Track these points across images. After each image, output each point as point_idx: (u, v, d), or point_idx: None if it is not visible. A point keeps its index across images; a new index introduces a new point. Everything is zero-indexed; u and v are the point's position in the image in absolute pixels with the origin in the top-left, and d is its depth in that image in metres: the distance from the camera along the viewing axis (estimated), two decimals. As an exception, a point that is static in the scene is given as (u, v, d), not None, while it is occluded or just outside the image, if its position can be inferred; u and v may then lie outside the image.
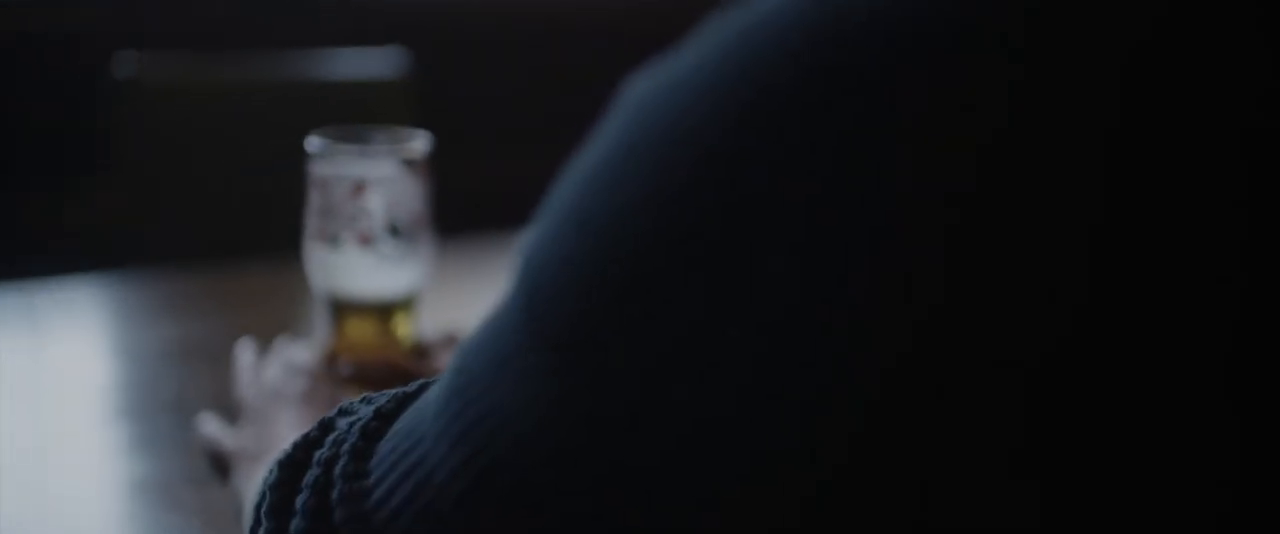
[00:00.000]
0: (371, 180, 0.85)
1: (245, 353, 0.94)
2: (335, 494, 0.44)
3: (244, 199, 1.76)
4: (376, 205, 0.86)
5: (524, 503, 0.37)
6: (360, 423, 0.45)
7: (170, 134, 1.74)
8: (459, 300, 0.97)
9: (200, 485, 0.86)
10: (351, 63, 1.87)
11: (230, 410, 0.92)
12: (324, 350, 0.90)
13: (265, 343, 0.97)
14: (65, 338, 1.22)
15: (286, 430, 0.78)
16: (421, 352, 0.90)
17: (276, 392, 0.82)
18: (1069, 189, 0.31)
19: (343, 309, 0.89)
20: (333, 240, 0.86)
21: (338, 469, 0.44)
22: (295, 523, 0.45)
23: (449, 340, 0.90)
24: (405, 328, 0.90)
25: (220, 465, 0.86)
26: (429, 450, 0.40)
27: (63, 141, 2.36)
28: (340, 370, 0.86)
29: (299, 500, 0.46)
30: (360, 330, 0.89)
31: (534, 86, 2.76)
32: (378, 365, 0.86)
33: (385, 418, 0.45)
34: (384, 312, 0.89)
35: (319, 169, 0.85)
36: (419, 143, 0.87)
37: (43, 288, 1.30)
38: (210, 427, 0.89)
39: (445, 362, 0.88)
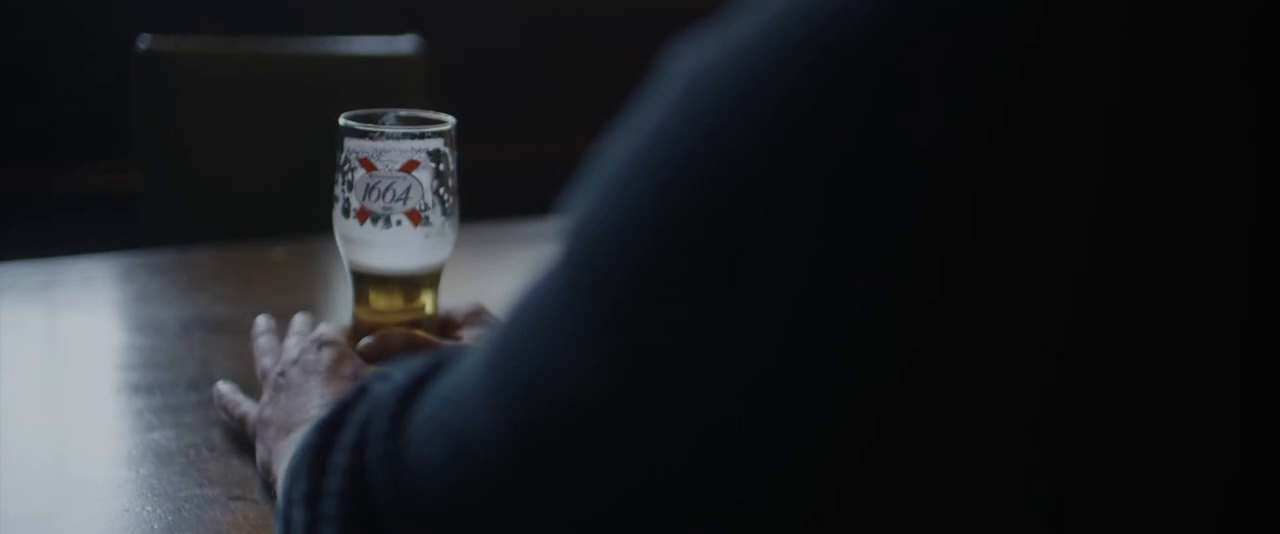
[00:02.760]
0: (423, 157, 0.87)
1: (263, 325, 0.95)
2: (371, 455, 0.44)
3: (263, 177, 1.77)
4: (427, 182, 0.88)
5: (563, 472, 0.38)
6: (398, 386, 0.46)
7: (191, 112, 1.75)
8: (471, 280, 0.98)
9: (223, 455, 0.87)
10: (368, 45, 1.88)
11: (250, 384, 0.93)
12: (351, 324, 0.92)
13: (286, 318, 0.98)
14: (87, 312, 1.23)
15: (315, 402, 0.79)
16: (447, 324, 0.91)
17: (305, 364, 0.83)
18: (1072, 172, 0.32)
19: (372, 283, 0.90)
20: (381, 218, 0.87)
21: (375, 431, 0.44)
22: (330, 481, 0.46)
23: (476, 313, 0.91)
24: (431, 301, 0.91)
25: (245, 435, 0.87)
26: (472, 414, 0.41)
27: (86, 119, 2.38)
28: (366, 343, 0.88)
29: (334, 460, 0.46)
30: (389, 303, 0.91)
31: (542, 74, 2.77)
32: (404, 338, 0.87)
33: (423, 382, 0.45)
34: (412, 284, 0.90)
35: (367, 147, 0.86)
36: (451, 120, 0.89)
37: (65, 264, 1.31)
38: (226, 388, 0.90)
39: (471, 333, 0.89)
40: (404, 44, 1.86)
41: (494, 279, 1.35)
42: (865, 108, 0.33)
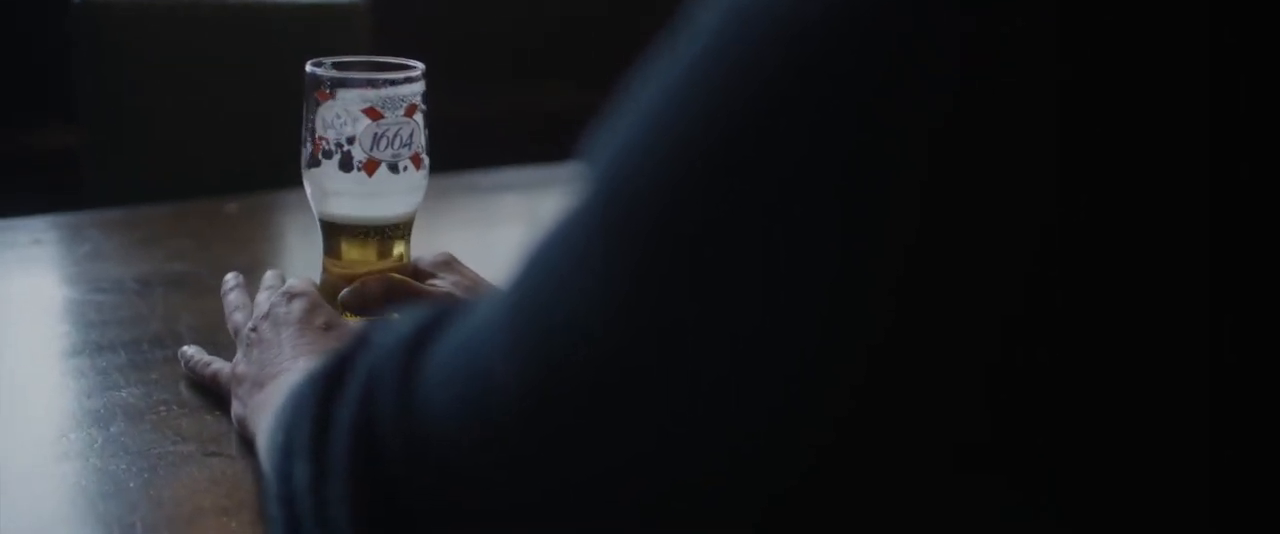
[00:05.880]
0: (418, 99, 0.86)
1: (232, 282, 0.94)
2: (381, 407, 0.43)
3: (210, 130, 1.74)
4: (422, 123, 0.87)
5: (579, 422, 0.37)
6: (402, 337, 0.45)
7: (130, 66, 1.72)
8: (427, 232, 0.97)
9: (195, 411, 0.86)
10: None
11: (215, 339, 0.92)
12: (321, 277, 0.91)
13: (250, 272, 0.97)
14: (41, 273, 1.21)
15: (287, 353, 0.78)
16: (415, 274, 0.91)
17: (275, 318, 0.82)
18: (1038, 142, 0.32)
19: (349, 234, 0.89)
20: (392, 166, 0.86)
21: (384, 382, 0.43)
22: (336, 434, 0.44)
23: (445, 262, 0.90)
24: (404, 250, 0.91)
25: (216, 390, 0.86)
26: (489, 363, 0.40)
27: (22, 77, 2.33)
28: (346, 293, 0.87)
29: (339, 413, 0.45)
30: (362, 255, 0.90)
31: (489, 24, 2.74)
32: (381, 283, 0.86)
33: (429, 332, 0.44)
34: (388, 235, 0.89)
35: (372, 95, 0.85)
36: (418, 63, 0.88)
37: (10, 224, 1.28)
38: (192, 351, 0.90)
39: (443, 281, 0.88)
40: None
41: (452, 230, 1.34)
42: (862, 54, 0.33)
